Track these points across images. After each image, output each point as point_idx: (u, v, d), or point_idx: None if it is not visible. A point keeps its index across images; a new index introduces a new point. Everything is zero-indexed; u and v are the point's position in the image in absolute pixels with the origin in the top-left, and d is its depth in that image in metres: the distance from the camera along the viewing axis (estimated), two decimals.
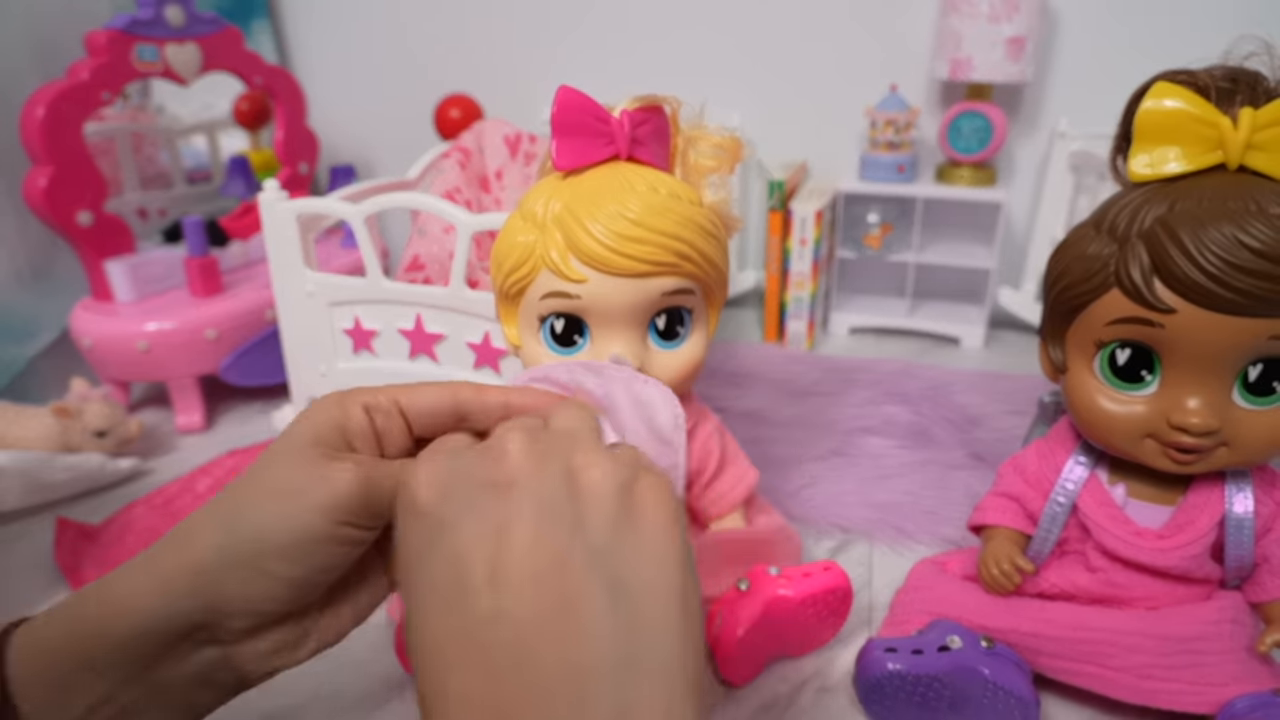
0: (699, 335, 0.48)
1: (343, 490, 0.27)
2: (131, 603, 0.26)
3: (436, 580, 0.23)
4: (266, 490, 0.27)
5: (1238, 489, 0.44)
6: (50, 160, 0.76)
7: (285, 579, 0.27)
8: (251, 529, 0.26)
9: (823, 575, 0.48)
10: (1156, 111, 0.40)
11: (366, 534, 0.28)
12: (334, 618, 0.30)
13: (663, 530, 0.24)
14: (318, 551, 0.27)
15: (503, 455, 0.25)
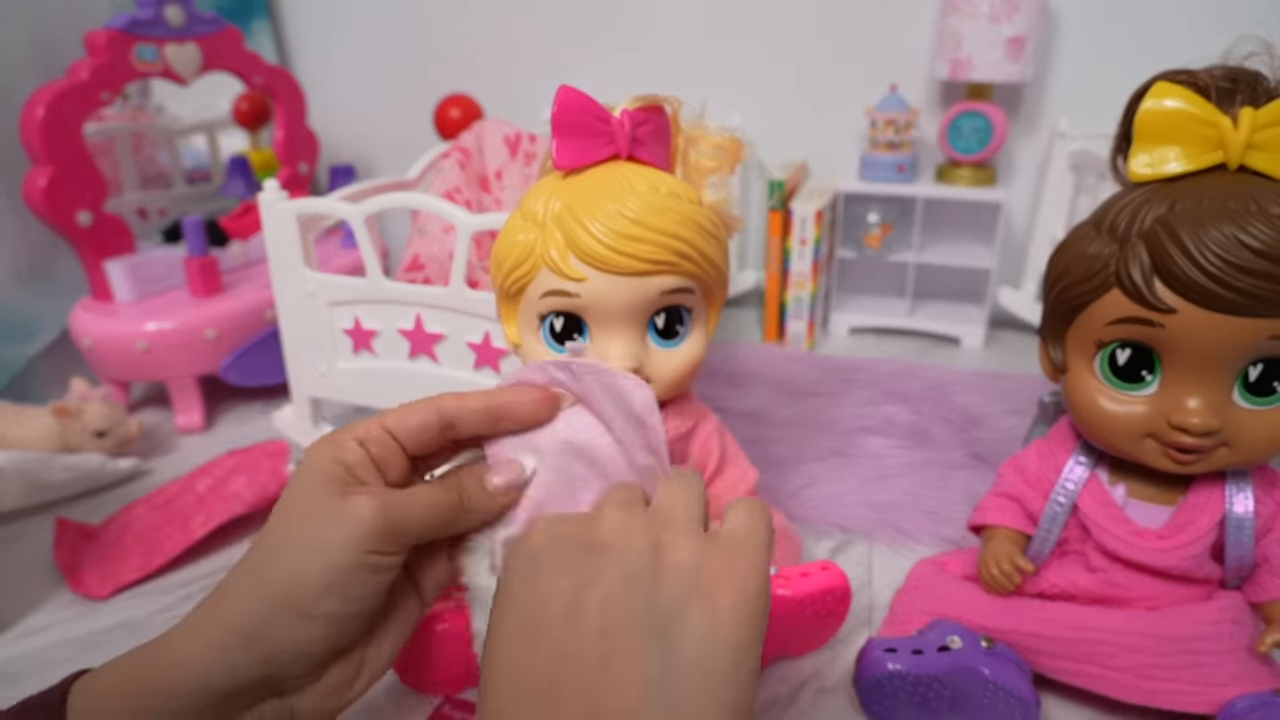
0: (699, 334, 0.48)
1: (365, 519, 0.28)
2: (190, 662, 0.28)
3: (521, 613, 0.26)
4: (292, 538, 0.29)
5: (1238, 489, 0.44)
6: (50, 160, 0.76)
7: (327, 617, 0.28)
8: (286, 577, 0.28)
9: (821, 575, 0.48)
10: (1157, 111, 0.40)
11: (393, 559, 0.30)
12: (379, 646, 0.32)
13: (729, 617, 0.25)
14: (352, 583, 0.29)
15: (602, 522, 0.28)
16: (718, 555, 0.26)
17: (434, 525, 0.31)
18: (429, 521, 0.31)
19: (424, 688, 0.47)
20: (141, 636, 0.30)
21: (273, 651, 0.28)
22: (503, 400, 0.32)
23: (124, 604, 0.57)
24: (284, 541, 0.29)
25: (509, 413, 0.33)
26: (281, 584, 0.28)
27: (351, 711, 0.48)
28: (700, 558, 0.26)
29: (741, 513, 0.29)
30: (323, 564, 0.28)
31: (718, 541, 0.27)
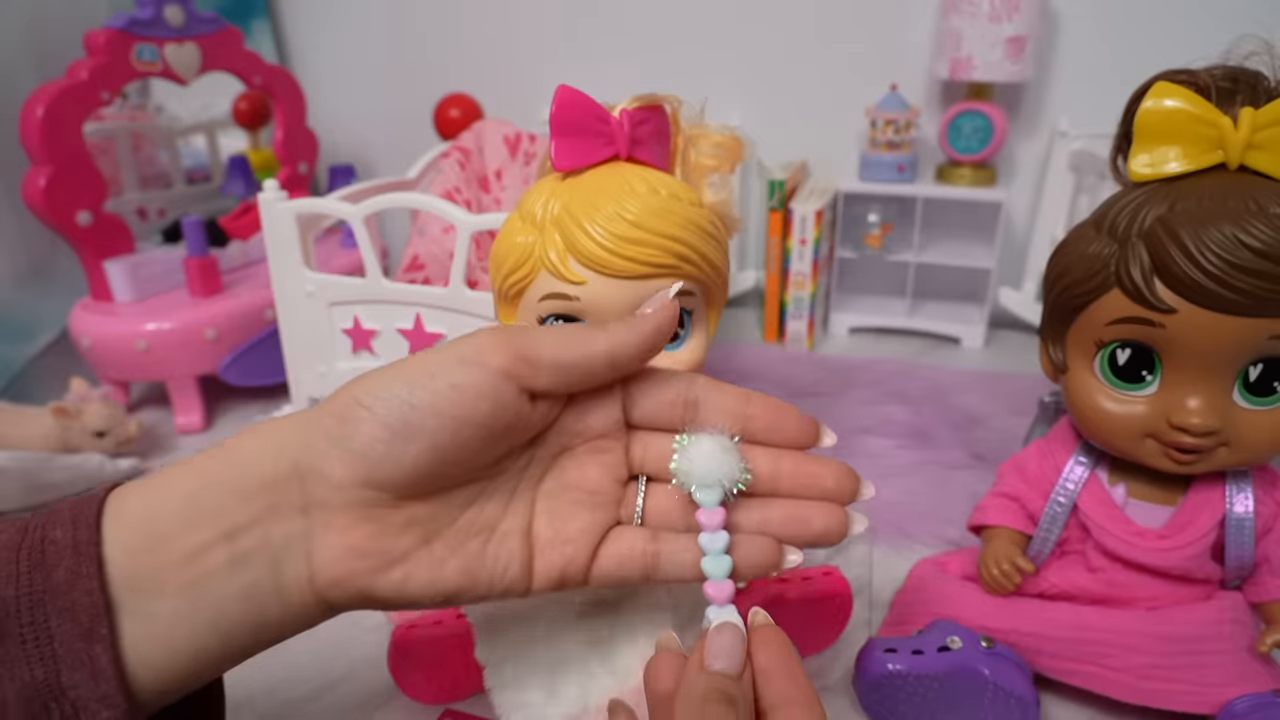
0: (699, 337, 0.48)
1: (480, 334, 0.26)
2: (251, 438, 0.25)
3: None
4: (415, 367, 0.26)
5: (1238, 489, 0.44)
6: (49, 160, 0.76)
7: (384, 415, 0.25)
8: (378, 369, 0.26)
9: (822, 580, 0.48)
10: (1157, 111, 0.40)
11: (503, 388, 0.25)
12: (435, 559, 0.27)
13: None
14: (435, 397, 0.25)
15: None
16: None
17: (560, 345, 0.26)
18: (553, 339, 0.26)
19: (425, 697, 0.47)
20: None
21: (315, 433, 0.25)
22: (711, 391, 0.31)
23: None
24: (407, 370, 0.26)
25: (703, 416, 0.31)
26: (363, 376, 0.26)
27: (349, 699, 0.49)
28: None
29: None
30: (410, 363, 0.25)
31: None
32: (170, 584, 0.24)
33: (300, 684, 0.50)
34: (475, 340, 0.26)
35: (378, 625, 0.54)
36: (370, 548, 0.26)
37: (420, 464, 0.25)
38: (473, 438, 0.25)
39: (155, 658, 0.24)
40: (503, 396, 0.25)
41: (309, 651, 0.53)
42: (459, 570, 0.27)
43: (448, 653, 0.46)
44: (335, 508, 0.25)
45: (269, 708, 0.48)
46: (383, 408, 0.25)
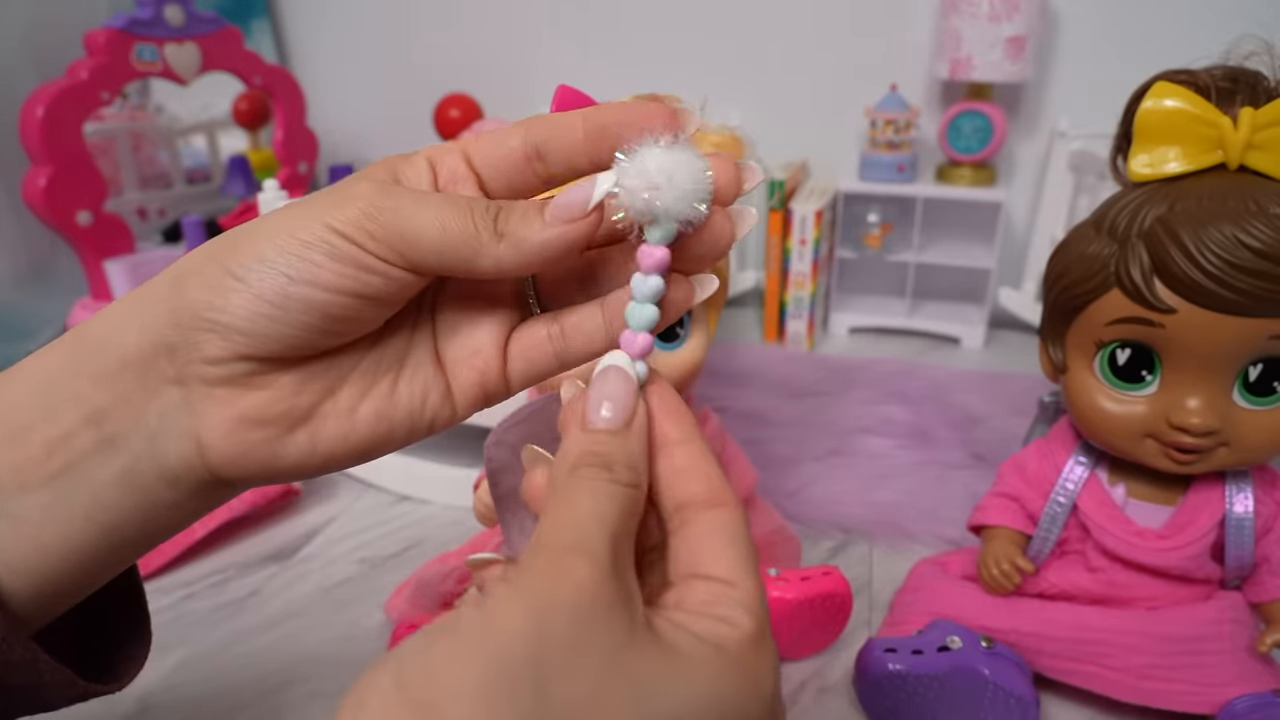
0: (699, 336, 0.48)
1: (355, 196, 0.22)
2: (107, 317, 0.23)
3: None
4: (280, 212, 0.23)
5: (1238, 489, 0.44)
6: (50, 160, 0.76)
7: (259, 289, 0.21)
8: (238, 233, 0.22)
9: (821, 579, 0.48)
10: (1157, 111, 0.40)
11: (376, 263, 0.22)
12: (344, 409, 0.24)
13: None
14: (306, 263, 0.21)
15: None
16: None
17: (443, 236, 0.22)
18: (436, 229, 0.22)
19: None
20: None
21: (182, 308, 0.22)
22: (609, 118, 0.23)
23: None
24: (267, 214, 0.23)
25: (617, 134, 0.23)
26: (228, 240, 0.22)
27: None
28: None
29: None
30: (278, 225, 0.22)
31: None
32: (33, 478, 0.22)
33: (300, 684, 0.50)
34: (349, 211, 0.22)
35: (378, 625, 0.54)
36: (265, 414, 0.23)
37: (305, 333, 0.22)
38: (359, 305, 0.22)
39: (26, 559, 0.22)
40: (386, 273, 0.22)
41: (309, 651, 0.53)
42: (373, 415, 0.24)
43: None
44: (215, 381, 0.22)
45: (269, 708, 0.48)
46: (256, 280, 0.21)
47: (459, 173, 0.24)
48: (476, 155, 0.24)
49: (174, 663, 0.51)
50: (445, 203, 0.22)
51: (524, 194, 0.24)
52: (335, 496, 0.70)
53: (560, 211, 0.22)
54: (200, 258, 0.22)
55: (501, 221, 0.22)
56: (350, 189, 0.22)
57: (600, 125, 0.23)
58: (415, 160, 0.24)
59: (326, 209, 0.22)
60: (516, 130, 0.24)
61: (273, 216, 0.22)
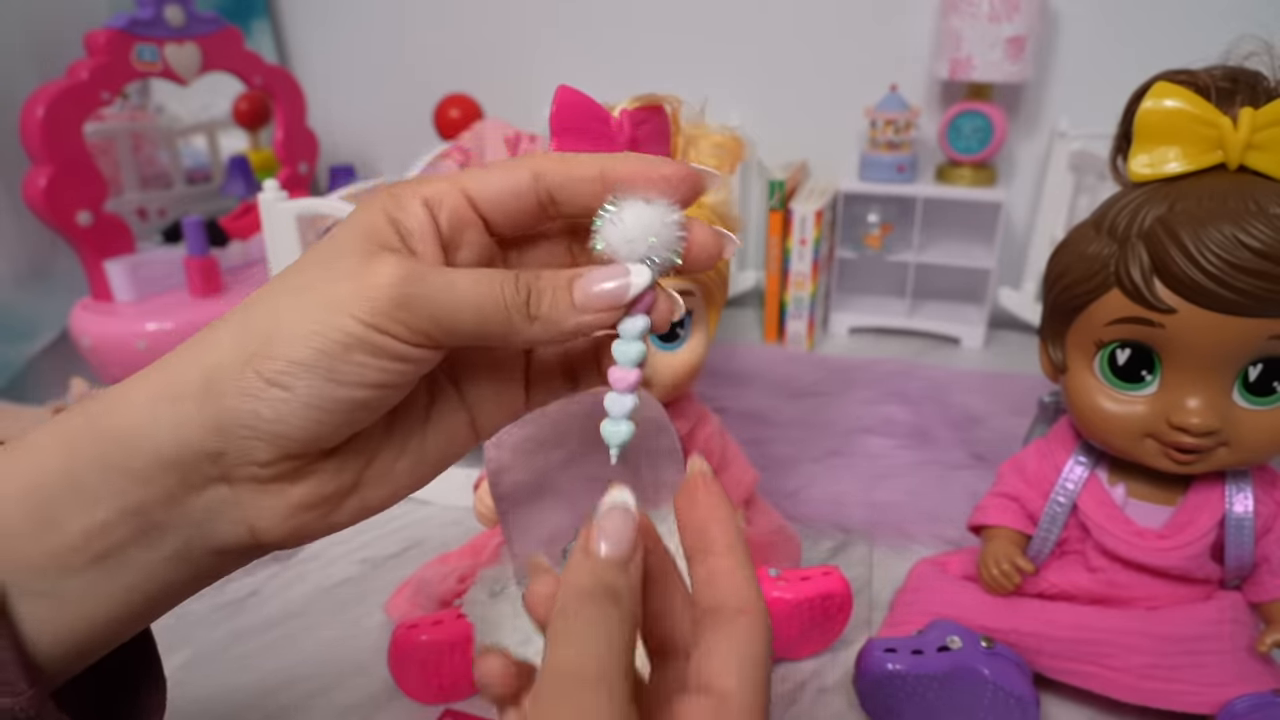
0: (699, 336, 0.48)
1: (382, 283, 0.21)
2: (135, 414, 0.22)
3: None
4: (291, 286, 0.22)
5: (1238, 489, 0.44)
6: (50, 160, 0.76)
7: (307, 397, 0.21)
8: (264, 328, 0.22)
9: (821, 580, 0.48)
10: (1156, 111, 0.40)
11: (408, 349, 0.22)
12: (384, 472, 0.25)
13: None
14: (350, 365, 0.21)
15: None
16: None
17: (478, 321, 0.22)
18: (471, 313, 0.22)
19: (424, 697, 0.47)
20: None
21: (227, 420, 0.21)
22: (626, 170, 0.23)
23: None
24: (279, 291, 0.22)
25: (631, 185, 0.23)
26: (255, 336, 0.22)
27: (350, 699, 0.49)
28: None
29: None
30: (311, 325, 0.21)
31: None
32: (74, 563, 0.22)
33: (300, 684, 0.50)
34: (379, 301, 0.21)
35: (378, 625, 0.54)
36: (315, 499, 0.23)
37: (348, 424, 0.23)
38: (396, 390, 0.23)
39: (70, 631, 0.22)
40: (420, 357, 0.23)
41: (309, 651, 0.53)
42: (410, 467, 0.26)
43: (448, 653, 0.46)
44: (265, 479, 0.23)
45: (270, 708, 0.48)
46: (303, 388, 0.21)
47: (463, 217, 0.23)
48: (480, 197, 0.23)
49: (174, 663, 0.51)
50: (477, 284, 0.22)
51: (529, 229, 0.25)
52: None
53: (593, 301, 0.23)
54: (232, 360, 0.22)
55: (534, 305, 0.23)
56: (371, 271, 0.21)
57: (620, 179, 0.23)
58: (410, 205, 0.23)
59: (354, 299, 0.21)
60: (523, 171, 0.23)
61: (297, 302, 0.22)
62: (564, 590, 0.22)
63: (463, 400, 0.26)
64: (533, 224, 0.24)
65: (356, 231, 0.22)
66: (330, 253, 0.22)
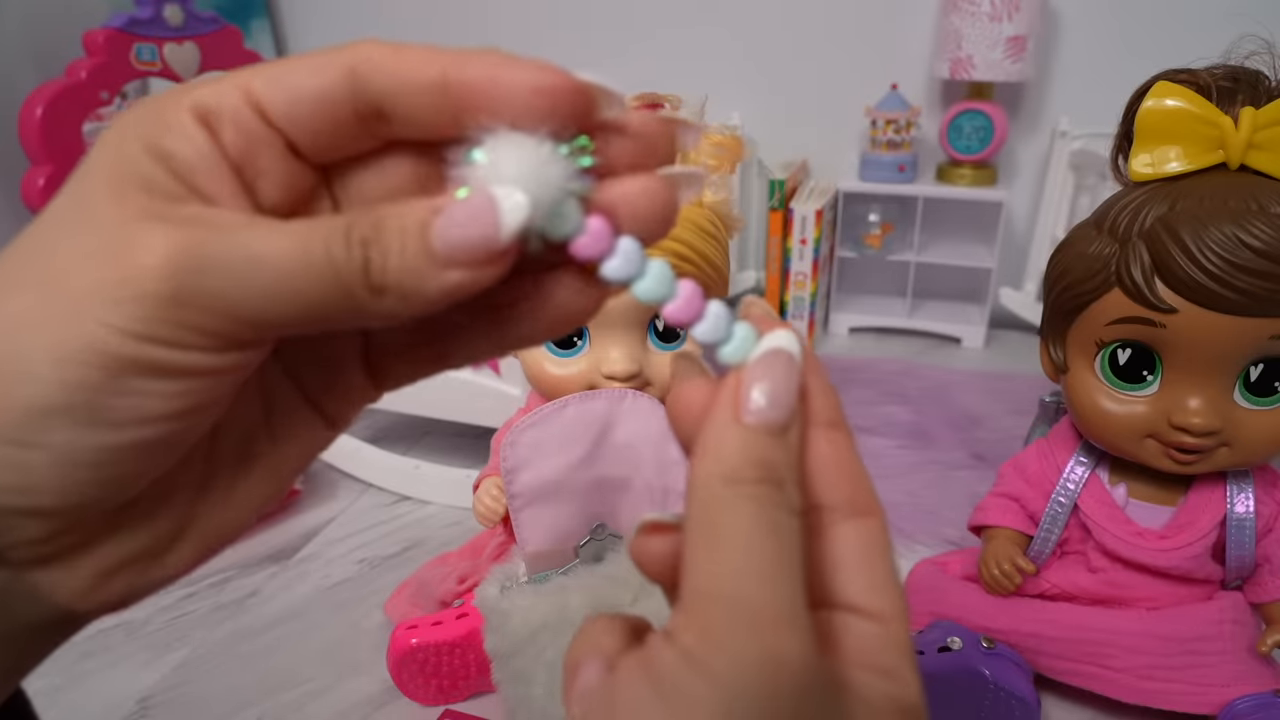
0: None
1: (148, 270, 0.14)
2: None
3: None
4: (16, 280, 0.15)
5: (1239, 489, 0.44)
6: (48, 160, 0.76)
7: (65, 455, 0.14)
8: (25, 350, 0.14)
9: None
10: (1157, 111, 0.40)
11: (216, 360, 0.15)
12: (221, 501, 0.18)
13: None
14: (121, 397, 0.14)
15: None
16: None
17: (301, 306, 0.14)
18: (288, 296, 0.14)
19: (424, 697, 0.47)
20: (140, 638, 0.29)
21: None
22: (477, 73, 0.15)
23: None
24: (11, 289, 0.14)
25: (492, 97, 0.15)
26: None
27: (349, 699, 0.49)
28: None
29: None
30: (53, 347, 0.14)
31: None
32: None
33: (300, 684, 0.50)
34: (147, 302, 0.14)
35: (378, 625, 0.54)
36: (124, 559, 0.17)
37: (139, 470, 0.16)
38: (198, 415, 0.16)
39: None
40: (221, 366, 0.15)
41: (309, 652, 0.53)
42: (260, 486, 0.18)
43: (447, 653, 0.46)
44: (46, 558, 0.16)
45: (269, 708, 0.48)
46: (56, 443, 0.14)
47: (253, 135, 0.15)
48: (272, 105, 0.15)
49: (174, 663, 0.51)
50: (290, 251, 0.14)
51: (350, 152, 0.16)
52: (335, 497, 0.70)
53: (461, 252, 0.15)
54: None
55: (376, 267, 0.14)
56: (130, 250, 0.14)
57: (471, 90, 0.15)
58: (180, 124, 0.15)
59: (108, 301, 0.14)
60: (334, 68, 0.15)
61: (28, 311, 0.14)
62: (704, 476, 0.15)
63: (302, 390, 0.19)
64: (353, 145, 0.16)
65: (108, 175, 0.15)
66: (79, 213, 0.15)
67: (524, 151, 0.15)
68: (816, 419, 0.17)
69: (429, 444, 0.78)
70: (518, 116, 0.15)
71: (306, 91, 0.15)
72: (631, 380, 0.45)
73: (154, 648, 0.52)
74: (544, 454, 0.42)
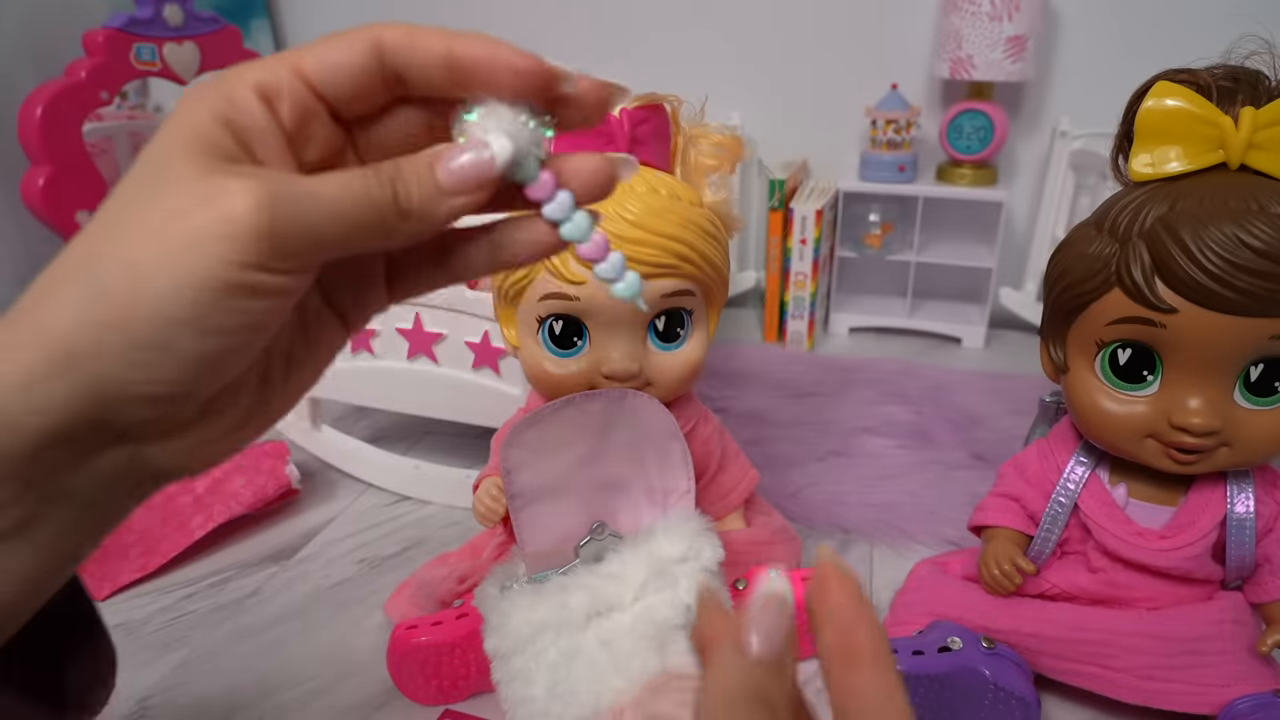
0: (699, 336, 0.48)
1: (242, 217, 0.19)
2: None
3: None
4: (136, 229, 0.19)
5: (1239, 489, 0.44)
6: (48, 160, 0.76)
7: (185, 354, 0.19)
8: (122, 291, 0.19)
9: None
10: (1158, 111, 0.40)
11: (287, 280, 0.20)
12: (272, 387, 0.24)
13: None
14: (226, 312, 0.19)
15: None
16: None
17: (351, 232, 0.21)
18: (342, 226, 0.20)
19: (424, 697, 0.47)
20: (140, 639, 0.29)
21: (105, 390, 0.19)
22: (475, 52, 0.21)
23: (122, 605, 0.57)
24: (123, 237, 0.19)
25: (485, 72, 0.21)
26: (115, 301, 0.19)
27: (349, 699, 0.49)
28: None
29: None
30: (175, 279, 0.18)
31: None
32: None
33: (300, 684, 0.50)
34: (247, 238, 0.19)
35: (378, 625, 0.54)
36: (218, 432, 0.22)
37: (236, 367, 0.21)
38: (281, 318, 0.21)
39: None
40: (299, 287, 0.21)
41: (309, 651, 0.53)
42: (300, 378, 0.25)
43: (447, 653, 0.46)
44: (159, 433, 0.21)
45: (269, 708, 0.48)
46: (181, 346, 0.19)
47: (306, 107, 0.21)
48: (319, 78, 0.21)
49: (174, 663, 0.51)
50: (344, 192, 0.20)
51: (374, 110, 0.23)
52: (335, 497, 0.70)
53: (461, 183, 0.21)
54: (90, 324, 0.19)
55: (404, 200, 0.21)
56: (223, 197, 0.19)
57: (470, 63, 0.21)
58: (244, 99, 0.20)
59: (215, 238, 0.19)
60: (363, 43, 0.22)
61: (148, 247, 0.19)
62: (710, 695, 0.20)
63: (332, 305, 0.25)
64: (378, 104, 0.23)
65: (184, 142, 0.19)
66: (161, 174, 0.19)
67: (505, 115, 0.22)
68: (861, 653, 0.21)
69: (429, 444, 0.78)
70: (502, 89, 0.21)
71: (344, 65, 0.22)
72: (631, 380, 0.45)
73: (153, 648, 0.52)
74: (544, 454, 0.42)
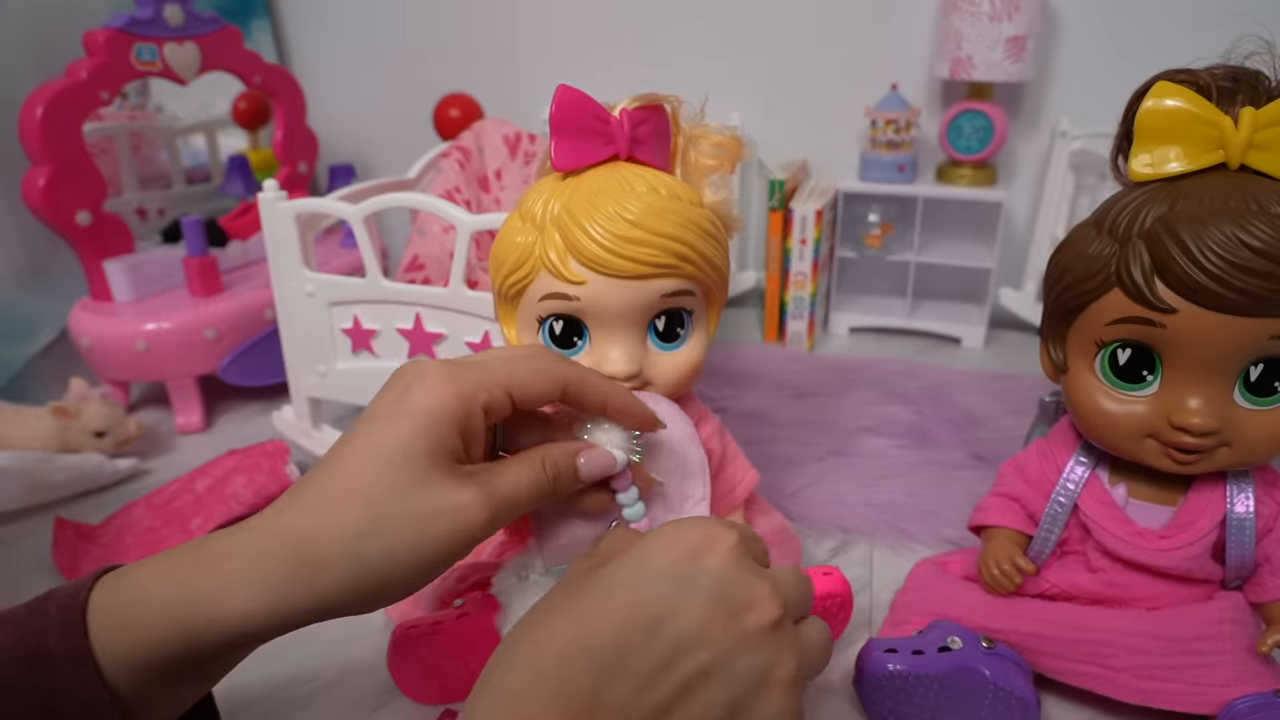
0: (699, 336, 0.48)
1: (473, 526, 0.30)
2: (243, 612, 0.27)
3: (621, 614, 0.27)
4: (398, 518, 0.29)
5: (1239, 489, 0.44)
6: (49, 160, 0.76)
7: (399, 595, 0.30)
8: (381, 565, 0.28)
9: (822, 580, 0.48)
10: (1157, 111, 0.40)
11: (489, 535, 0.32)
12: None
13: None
14: (437, 572, 0.30)
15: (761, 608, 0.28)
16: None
17: (535, 498, 0.33)
18: (528, 502, 0.33)
19: (424, 697, 0.47)
20: None
21: (330, 604, 0.29)
22: (623, 401, 0.36)
23: None
24: (383, 529, 0.28)
25: (621, 414, 0.36)
26: (373, 573, 0.28)
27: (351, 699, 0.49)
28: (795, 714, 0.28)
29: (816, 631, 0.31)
30: (418, 559, 0.29)
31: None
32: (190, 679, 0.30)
33: (301, 684, 0.50)
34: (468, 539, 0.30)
35: (378, 625, 0.54)
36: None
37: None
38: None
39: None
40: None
41: (309, 651, 0.53)
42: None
43: (448, 653, 0.46)
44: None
45: (269, 708, 0.48)
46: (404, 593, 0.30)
47: (501, 415, 0.34)
48: (519, 399, 0.33)
49: None
50: (531, 480, 0.33)
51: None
52: None
53: (591, 476, 0.36)
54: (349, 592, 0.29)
55: (556, 480, 0.34)
56: (461, 509, 0.30)
57: (618, 407, 0.36)
58: (478, 415, 0.31)
59: (454, 541, 0.30)
60: (555, 384, 0.34)
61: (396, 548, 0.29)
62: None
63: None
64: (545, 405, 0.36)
65: (431, 449, 0.30)
66: (420, 476, 0.29)
67: (618, 434, 0.37)
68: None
69: None
70: (627, 422, 0.37)
71: (540, 396, 0.34)
72: (631, 380, 0.45)
73: None
74: None
